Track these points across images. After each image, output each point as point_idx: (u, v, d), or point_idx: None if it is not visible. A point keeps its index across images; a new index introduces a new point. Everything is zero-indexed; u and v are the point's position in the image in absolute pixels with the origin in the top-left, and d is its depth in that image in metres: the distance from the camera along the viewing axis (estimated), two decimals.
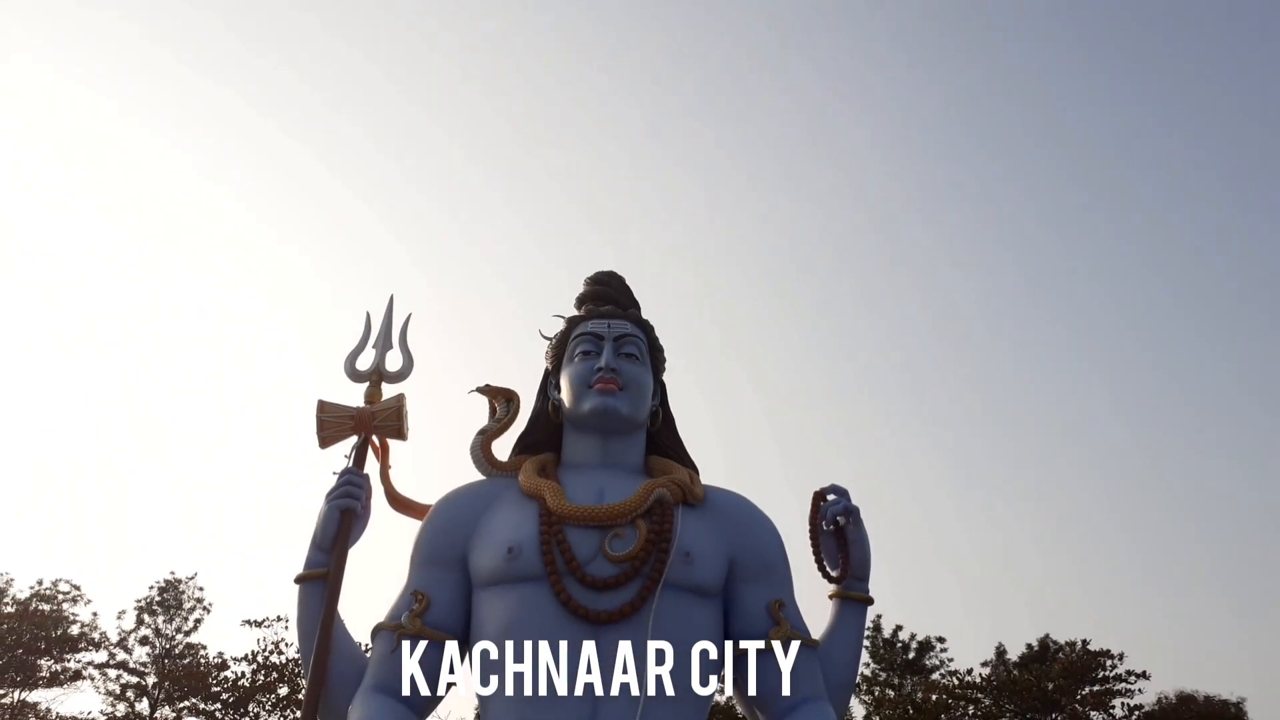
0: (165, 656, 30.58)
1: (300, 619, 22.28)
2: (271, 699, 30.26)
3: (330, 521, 22.76)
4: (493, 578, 21.31)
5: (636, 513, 21.53)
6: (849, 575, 22.90)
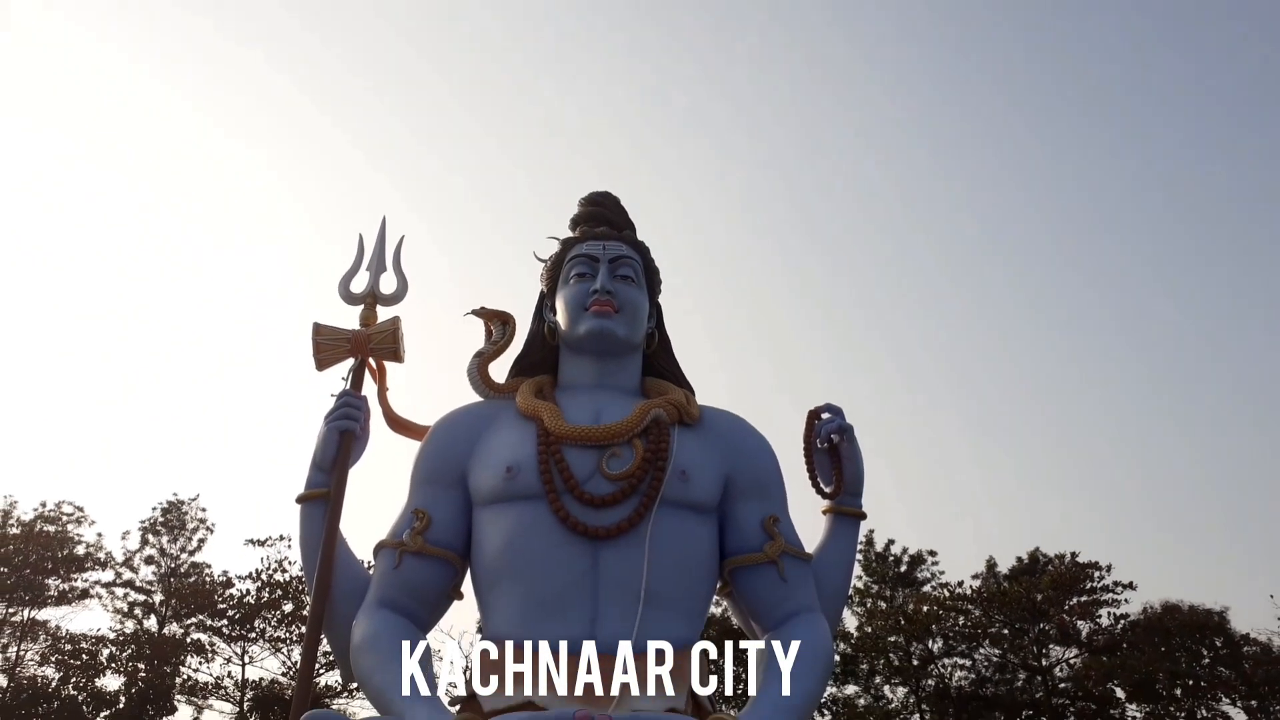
0: (171, 575, 31.09)
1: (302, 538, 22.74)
2: (276, 615, 30.89)
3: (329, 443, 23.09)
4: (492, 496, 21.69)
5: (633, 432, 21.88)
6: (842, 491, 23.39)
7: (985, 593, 32.37)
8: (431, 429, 23.78)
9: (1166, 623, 30.85)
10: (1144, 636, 29.31)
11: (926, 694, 31.37)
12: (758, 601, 22.81)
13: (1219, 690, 28.56)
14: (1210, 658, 29.13)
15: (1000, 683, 31.41)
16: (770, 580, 21.99)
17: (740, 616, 25.22)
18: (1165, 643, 29.10)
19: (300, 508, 23.02)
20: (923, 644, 31.54)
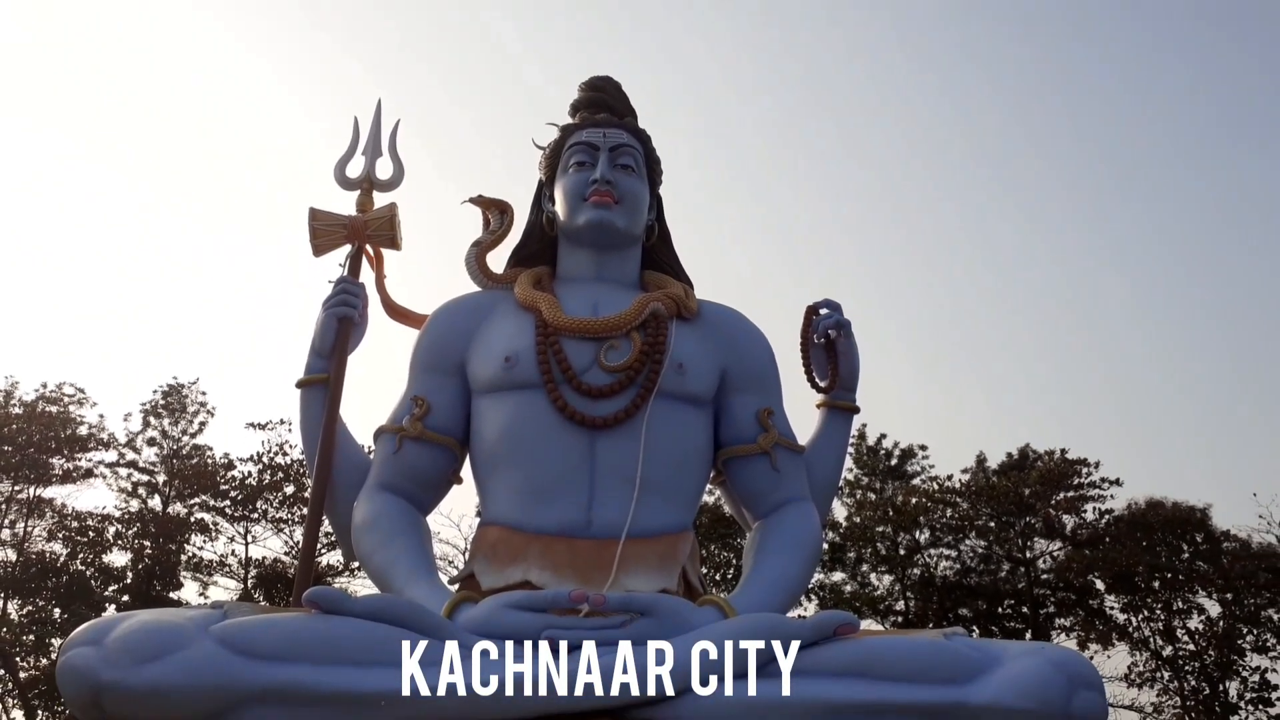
0: (173, 457, 31.46)
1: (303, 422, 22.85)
2: (278, 497, 31.40)
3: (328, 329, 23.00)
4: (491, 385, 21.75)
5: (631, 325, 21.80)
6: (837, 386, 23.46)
7: (974, 487, 32.84)
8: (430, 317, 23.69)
9: (1150, 518, 31.43)
10: (1127, 531, 29.90)
11: (912, 582, 32.15)
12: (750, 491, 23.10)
13: (1196, 584, 29.29)
14: (1190, 553, 29.80)
15: (984, 573, 32.21)
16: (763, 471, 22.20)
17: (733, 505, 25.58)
18: (1147, 538, 29.70)
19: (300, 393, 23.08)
20: (910, 535, 32.17)
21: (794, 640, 16.81)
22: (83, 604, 27.68)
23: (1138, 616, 30.84)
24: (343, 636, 15.00)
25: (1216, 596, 29.92)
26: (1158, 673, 30.27)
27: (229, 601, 19.23)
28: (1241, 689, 28.59)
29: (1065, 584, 31.83)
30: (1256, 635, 28.46)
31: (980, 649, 17.39)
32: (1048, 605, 32.29)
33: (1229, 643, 28.83)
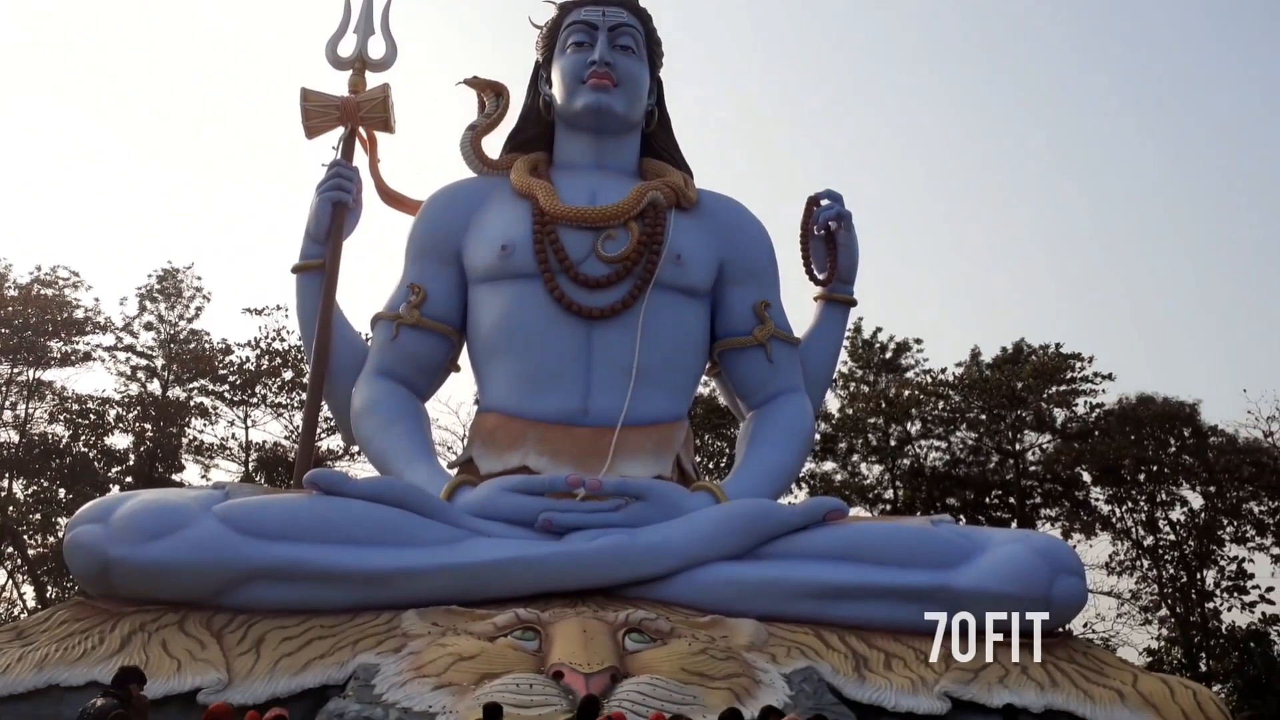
0: (171, 341, 31.52)
1: (300, 308, 22.58)
2: (276, 382, 31.57)
3: (322, 214, 22.49)
4: (487, 274, 21.47)
5: (629, 215, 21.32)
6: (835, 278, 23.12)
7: (966, 380, 33.08)
8: (425, 204, 23.09)
9: (1140, 413, 31.79)
10: (1116, 425, 30.31)
11: (901, 472, 32.78)
12: (745, 382, 23.00)
13: (1181, 477, 29.88)
14: (1177, 447, 30.32)
15: (973, 464, 32.78)
16: (758, 362, 22.13)
17: (727, 395, 25.43)
18: (1136, 432, 30.13)
19: (296, 278, 22.72)
20: (901, 426, 32.62)
21: (784, 524, 17.14)
22: (87, 484, 28.06)
23: (1121, 508, 31.58)
24: (343, 517, 15.36)
25: (1200, 489, 30.56)
26: (1138, 561, 31.23)
27: (230, 483, 19.35)
28: (1218, 578, 29.59)
29: (1052, 476, 32.41)
30: (1237, 527, 29.27)
31: (966, 536, 17.74)
32: (1034, 496, 32.96)
33: (1209, 534, 29.66)
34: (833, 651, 14.01)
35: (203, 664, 12.92)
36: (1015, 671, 14.42)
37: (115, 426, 30.99)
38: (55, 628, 14.38)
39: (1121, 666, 16.13)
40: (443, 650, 11.73)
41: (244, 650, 13.37)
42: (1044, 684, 14.20)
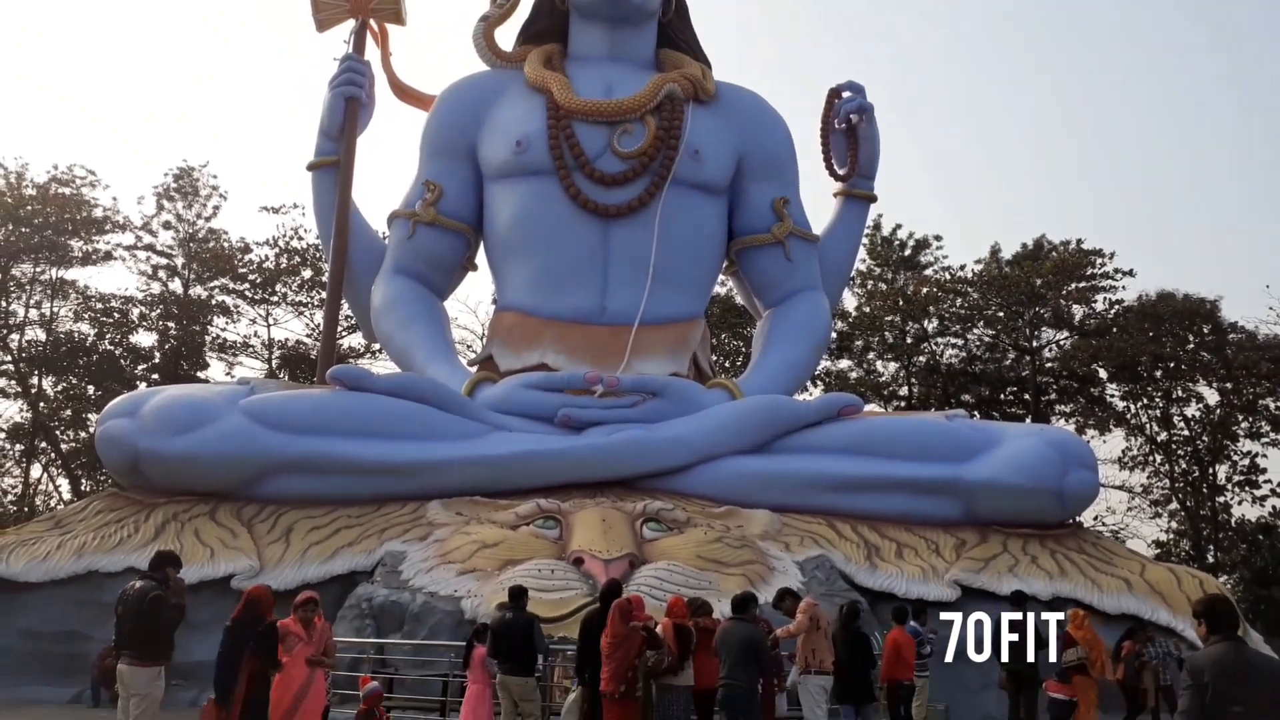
0: (190, 240, 31.34)
1: (316, 206, 22.61)
2: (296, 281, 31.63)
3: (335, 109, 22.30)
4: (502, 170, 21.31)
5: (646, 108, 21.08)
6: (856, 174, 22.80)
7: (985, 277, 32.69)
8: (438, 99, 22.87)
9: (1159, 309, 31.40)
10: (1135, 322, 29.99)
11: (917, 369, 32.59)
12: (763, 280, 22.99)
13: (1198, 373, 29.71)
14: (1196, 343, 30.05)
15: (989, 361, 32.64)
16: (776, 260, 22.07)
17: (744, 294, 25.47)
18: (1155, 328, 29.83)
19: (312, 176, 22.67)
20: (918, 324, 32.40)
21: (799, 419, 17.37)
22: (114, 381, 28.52)
23: (1137, 404, 31.58)
24: (367, 411, 15.68)
25: (1216, 385, 30.42)
26: (1150, 456, 31.37)
27: (255, 379, 19.74)
28: (1230, 472, 29.67)
29: (1069, 372, 32.29)
30: (1252, 422, 29.13)
31: (980, 430, 17.93)
32: (1049, 393, 32.93)
33: (1224, 429, 29.68)
34: (845, 541, 14.39)
35: (235, 552, 13.44)
36: (1025, 561, 14.79)
37: (139, 325, 31.33)
38: (91, 517, 14.95)
39: (1130, 556, 16.51)
40: (467, 538, 12.11)
41: (274, 539, 13.87)
42: (1053, 573, 14.58)
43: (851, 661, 9.08)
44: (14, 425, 29.69)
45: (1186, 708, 5.23)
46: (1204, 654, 5.28)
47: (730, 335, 32.56)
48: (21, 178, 30.48)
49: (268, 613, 7.16)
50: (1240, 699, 5.09)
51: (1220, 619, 5.39)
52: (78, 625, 12.85)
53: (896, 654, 9.43)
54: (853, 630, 9.25)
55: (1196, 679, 5.16)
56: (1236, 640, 5.39)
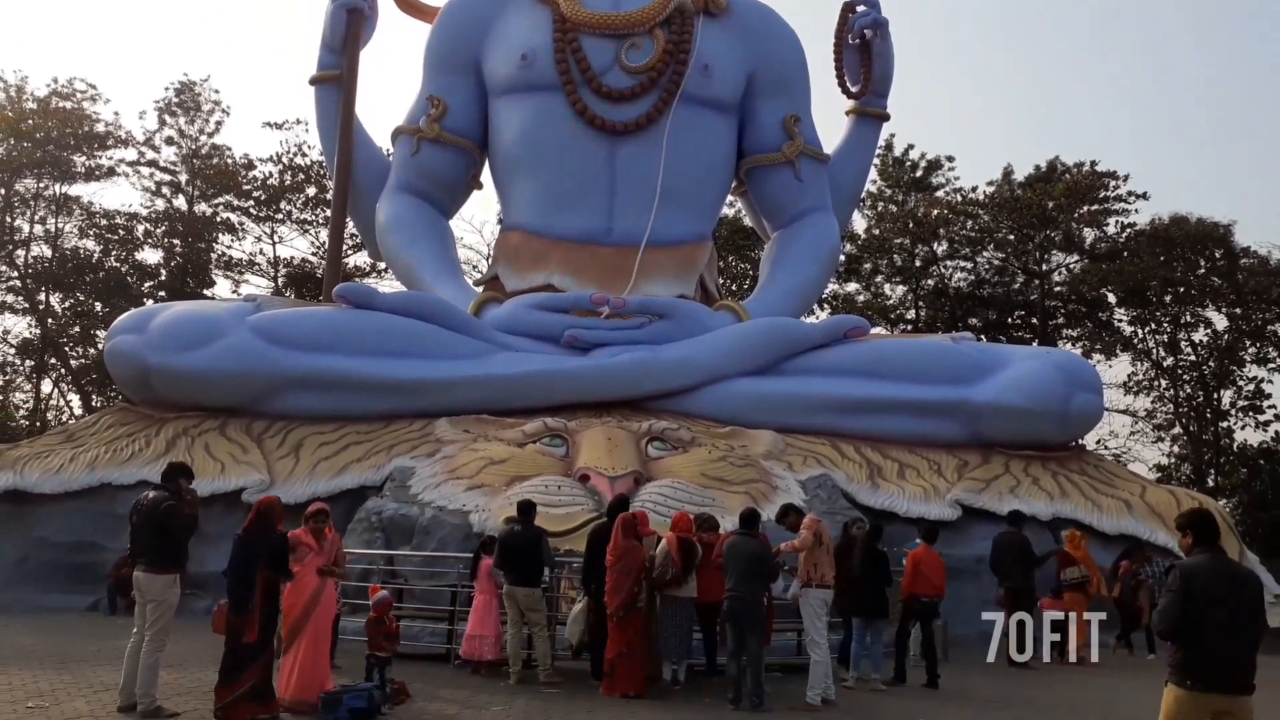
0: (193, 156, 30.96)
1: (319, 121, 22.36)
2: (301, 199, 31.24)
3: (338, 22, 21.89)
4: (507, 85, 20.98)
5: (655, 21, 20.66)
6: (869, 91, 22.38)
7: (997, 199, 32.22)
8: (442, 11, 22.45)
9: (1172, 233, 31.01)
10: (1146, 246, 29.67)
11: (924, 293, 32.41)
12: (772, 201, 22.76)
13: (1208, 298, 29.43)
14: (1206, 268, 29.73)
15: (997, 284, 32.38)
16: (786, 180, 21.83)
17: (753, 215, 25.25)
18: (1166, 253, 29.52)
19: (315, 90, 22.35)
20: (927, 246, 32.05)
21: (805, 341, 17.41)
22: (121, 298, 28.54)
23: (1144, 329, 31.48)
24: (374, 329, 15.74)
25: (1225, 311, 30.23)
26: (1156, 381, 31.37)
27: (262, 296, 19.82)
28: (1235, 398, 29.70)
29: (1077, 296, 32.10)
30: (1259, 348, 29.00)
31: (986, 352, 17.96)
32: (1057, 317, 32.78)
33: (1230, 355, 29.43)
34: (848, 461, 14.52)
35: (245, 466, 13.64)
36: (1027, 482, 14.94)
37: (145, 242, 31.26)
38: (103, 431, 15.14)
39: (1131, 479, 16.67)
40: (475, 455, 12.24)
41: (283, 454, 14.04)
42: (1054, 494, 14.74)
43: (868, 577, 9.68)
44: (23, 341, 29.86)
45: (1167, 607, 5.44)
46: (1190, 562, 5.49)
47: (738, 258, 32.38)
48: (22, 91, 30.13)
49: (278, 523, 7.28)
50: (1223, 605, 5.31)
51: (1203, 530, 5.59)
52: (92, 536, 13.14)
53: (917, 571, 9.65)
54: (873, 548, 9.48)
55: (1186, 585, 5.33)
56: (1218, 551, 5.59)
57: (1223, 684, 5.34)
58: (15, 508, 13.26)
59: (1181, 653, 5.34)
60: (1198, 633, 5.35)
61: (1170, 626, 5.31)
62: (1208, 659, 5.35)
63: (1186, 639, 5.36)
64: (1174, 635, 5.33)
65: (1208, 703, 5.33)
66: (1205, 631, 5.34)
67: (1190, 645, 5.38)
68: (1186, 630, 5.34)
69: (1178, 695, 5.35)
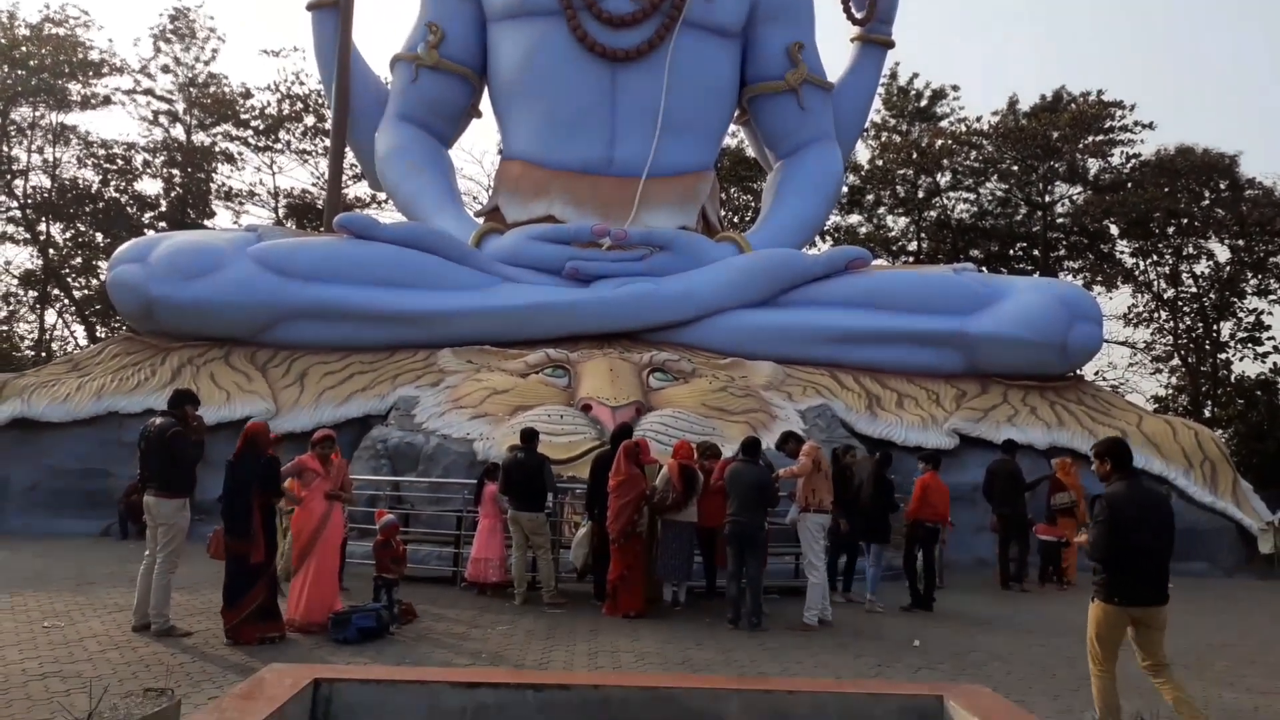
0: (190, 85, 30.67)
1: (317, 48, 22.11)
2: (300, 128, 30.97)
3: None
4: (506, 10, 20.70)
5: None
6: (874, 18, 22.09)
7: (1002, 129, 31.88)
8: None
9: (1177, 164, 30.73)
10: (1151, 177, 29.18)
11: (927, 224, 32.29)
12: (775, 130, 22.56)
13: (1211, 230, 29.32)
14: (1211, 199, 29.51)
15: (1000, 216, 32.09)
16: (789, 109, 21.64)
17: (755, 145, 25.08)
18: (1171, 184, 29.16)
19: (311, 16, 22.08)
20: (931, 177, 31.56)
21: (806, 273, 17.47)
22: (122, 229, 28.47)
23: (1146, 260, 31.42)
24: (376, 259, 15.77)
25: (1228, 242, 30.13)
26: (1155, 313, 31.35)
27: (263, 226, 19.86)
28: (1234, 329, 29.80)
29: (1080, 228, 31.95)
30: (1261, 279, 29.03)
31: (987, 283, 18.02)
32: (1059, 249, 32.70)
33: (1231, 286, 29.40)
34: (847, 391, 14.65)
35: (250, 395, 13.78)
36: (1024, 412, 15.10)
37: (144, 172, 31.03)
38: (108, 360, 15.26)
39: (1128, 409, 16.82)
40: (478, 384, 12.35)
41: (288, 383, 14.17)
42: (1051, 423, 14.91)
43: (876, 503, 9.81)
44: (26, 272, 29.84)
45: (1098, 538, 5.78)
46: (1114, 491, 5.82)
47: (740, 189, 32.15)
48: (14, 18, 29.67)
49: (267, 447, 7.40)
50: (1144, 527, 5.75)
51: (1123, 458, 5.97)
52: (101, 463, 13.34)
53: (924, 497, 9.82)
54: (881, 476, 9.68)
55: (1113, 513, 5.71)
56: (1135, 476, 6.01)
57: (1145, 598, 5.80)
58: (24, 435, 13.45)
59: (1108, 574, 5.69)
60: (1124, 556, 5.76)
61: (1103, 555, 5.71)
62: (1132, 578, 5.82)
63: (1114, 562, 5.72)
64: (1105, 560, 5.69)
65: (1130, 614, 5.80)
66: (1130, 554, 5.75)
67: (1117, 567, 5.76)
68: (1114, 554, 5.71)
69: (1105, 610, 5.79)
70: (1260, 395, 28.25)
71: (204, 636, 7.71)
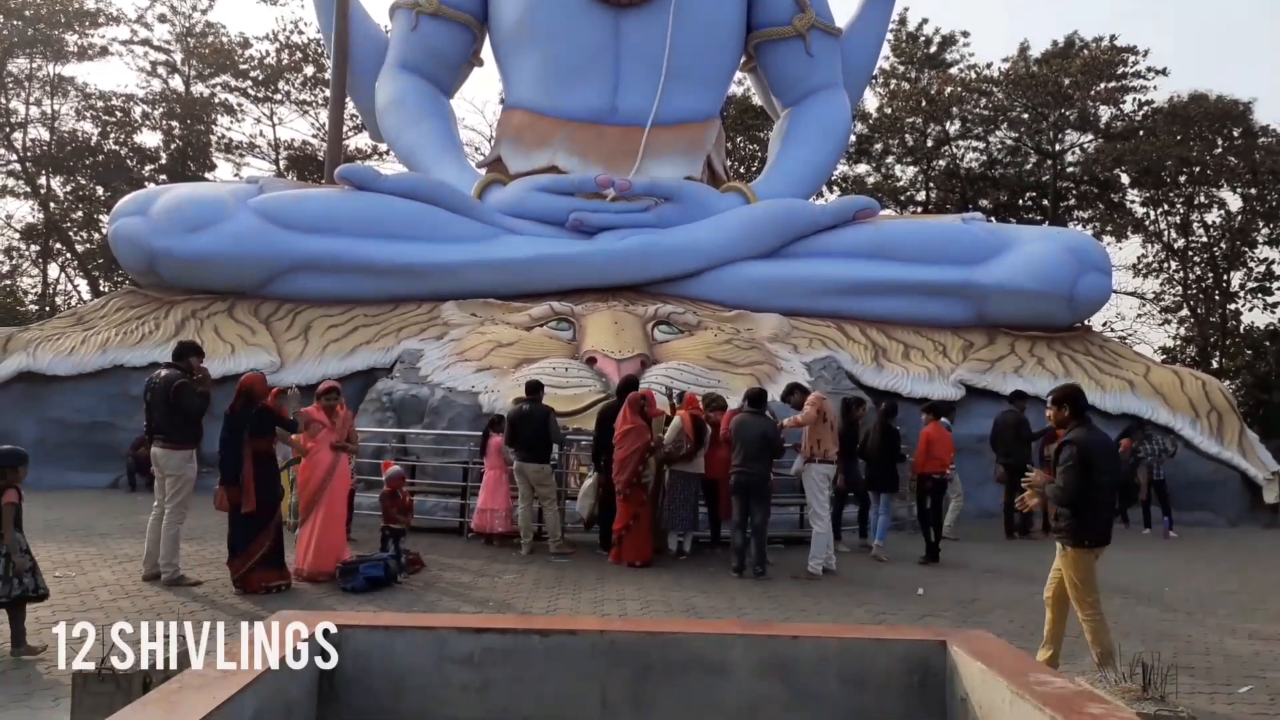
0: (187, 35, 30.35)
1: None
2: (299, 79, 30.63)
3: None
4: None
5: None
6: None
7: (1012, 75, 31.30)
8: None
9: (1190, 111, 30.22)
10: (1163, 125, 28.79)
11: (935, 174, 31.93)
12: (782, 76, 22.27)
13: (1223, 178, 28.91)
14: (1224, 147, 29.08)
15: (1009, 165, 31.72)
16: (796, 55, 21.33)
17: (762, 92, 24.75)
18: (1183, 131, 28.75)
19: None
20: (940, 126, 31.14)
21: (813, 224, 17.34)
22: (122, 182, 28.31)
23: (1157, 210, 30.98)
24: (378, 211, 15.68)
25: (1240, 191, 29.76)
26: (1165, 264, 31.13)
27: (264, 177, 19.67)
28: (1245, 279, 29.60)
29: (1090, 177, 31.56)
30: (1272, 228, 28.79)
31: (996, 234, 17.89)
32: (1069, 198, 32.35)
33: (1243, 235, 29.13)
34: (853, 343, 14.59)
35: (255, 348, 13.77)
36: (1031, 362, 15.04)
37: (143, 124, 30.77)
38: (112, 314, 15.24)
39: (1135, 359, 16.75)
40: (482, 338, 12.32)
41: (292, 336, 14.15)
42: (1058, 374, 14.85)
43: (882, 453, 9.80)
44: (27, 226, 29.75)
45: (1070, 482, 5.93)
46: (1080, 437, 5.99)
47: (746, 139, 31.81)
48: None
49: (261, 397, 7.43)
50: (1106, 470, 6.03)
51: (1078, 404, 6.20)
52: (107, 416, 13.39)
53: (929, 450, 9.80)
54: (887, 425, 9.76)
55: (1083, 458, 5.89)
56: (1089, 422, 6.19)
57: (1108, 537, 6.08)
58: (30, 389, 13.48)
59: (1077, 519, 5.95)
60: (1092, 498, 5.94)
61: (1074, 499, 5.91)
62: (1101, 519, 6.04)
63: (1085, 505, 5.92)
64: (1075, 504, 5.92)
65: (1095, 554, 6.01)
66: (1097, 496, 5.96)
67: (1085, 510, 5.95)
68: (1085, 498, 5.90)
69: (1080, 554, 5.99)
70: (1269, 346, 28.15)
71: (213, 586, 7.73)
